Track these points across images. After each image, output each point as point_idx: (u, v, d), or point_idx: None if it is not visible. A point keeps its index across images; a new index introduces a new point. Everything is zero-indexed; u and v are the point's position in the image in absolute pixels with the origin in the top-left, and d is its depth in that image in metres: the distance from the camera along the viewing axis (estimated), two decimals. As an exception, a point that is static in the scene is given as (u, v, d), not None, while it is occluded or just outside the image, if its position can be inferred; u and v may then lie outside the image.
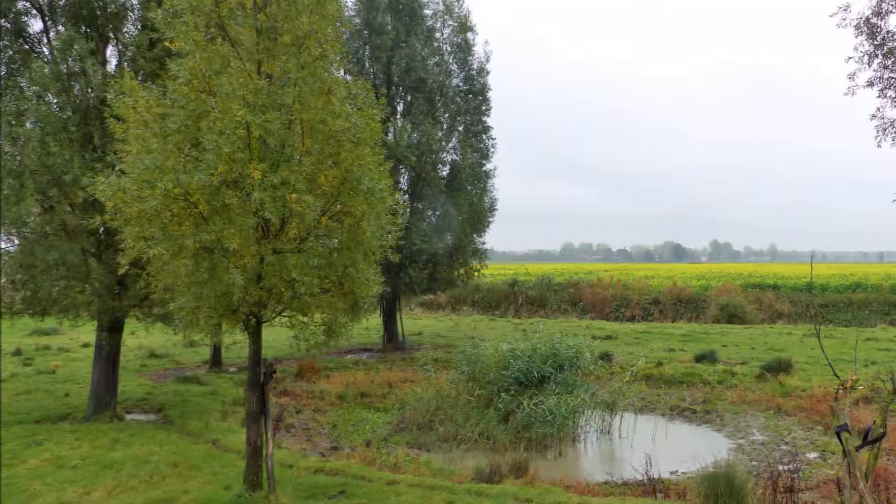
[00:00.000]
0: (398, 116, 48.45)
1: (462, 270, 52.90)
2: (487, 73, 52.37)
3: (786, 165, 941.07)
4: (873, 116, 25.92)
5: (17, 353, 42.48)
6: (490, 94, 52.49)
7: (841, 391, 16.76)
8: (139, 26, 25.30)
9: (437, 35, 51.15)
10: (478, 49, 52.03)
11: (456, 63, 51.77)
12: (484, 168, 52.21)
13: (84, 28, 24.76)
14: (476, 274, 54.77)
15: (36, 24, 25.35)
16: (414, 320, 70.21)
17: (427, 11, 50.60)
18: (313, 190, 16.31)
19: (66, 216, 23.89)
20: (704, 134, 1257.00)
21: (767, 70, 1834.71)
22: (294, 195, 15.47)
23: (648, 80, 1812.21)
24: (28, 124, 23.54)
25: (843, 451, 14.65)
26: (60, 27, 24.74)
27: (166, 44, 16.56)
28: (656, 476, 21.89)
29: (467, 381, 32.30)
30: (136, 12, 25.53)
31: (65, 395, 30.78)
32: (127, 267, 16.83)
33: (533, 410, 28.71)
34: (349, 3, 48.50)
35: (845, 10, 25.04)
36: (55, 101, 24.06)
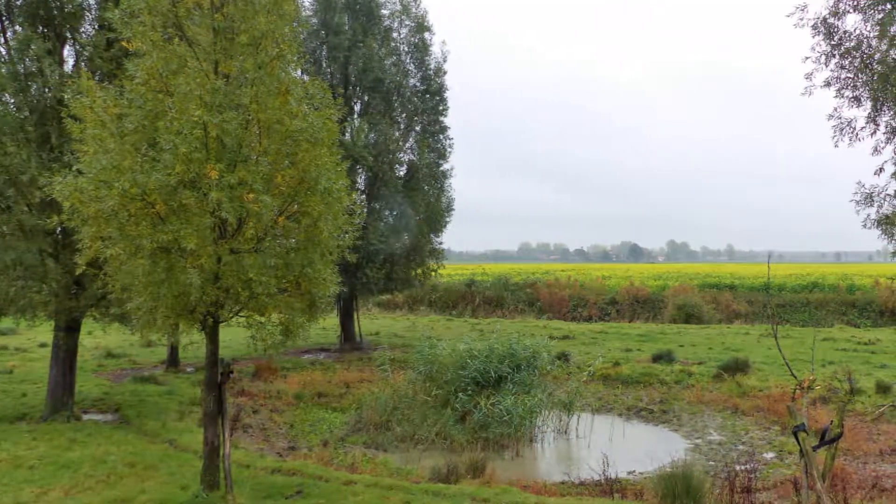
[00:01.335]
0: (355, 116, 48.31)
1: (419, 270, 52.94)
2: (445, 73, 52.42)
3: (744, 165, 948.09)
4: (830, 116, 26.08)
5: (-27, 353, 42.28)
6: (447, 94, 52.58)
7: (798, 391, 16.85)
8: (96, 26, 25.26)
9: (395, 35, 51.18)
10: (435, 49, 51.93)
11: (413, 63, 51.79)
12: (441, 168, 52.34)
13: (41, 28, 24.69)
14: (433, 274, 54.78)
15: (-8, 25, 25.28)
16: (371, 320, 70.18)
17: (384, 11, 50.60)
18: (270, 190, 16.37)
19: (23, 216, 23.79)
20: (662, 134, 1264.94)
21: (727, 70, 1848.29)
22: (251, 195, 15.51)
23: (608, 81, 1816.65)
24: (-16, 124, 23.46)
25: (801, 451, 14.74)
26: (17, 27, 24.67)
27: (123, 44, 16.61)
28: (613, 476, 21.88)
29: (424, 381, 32.30)
30: (93, 12, 25.48)
31: (22, 395, 30.61)
32: (84, 267, 16.82)
33: (490, 410, 28.81)
34: (306, 3, 48.47)
35: (802, 10, 25.20)
36: (12, 101, 23.98)
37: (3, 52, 24.88)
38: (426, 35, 51.84)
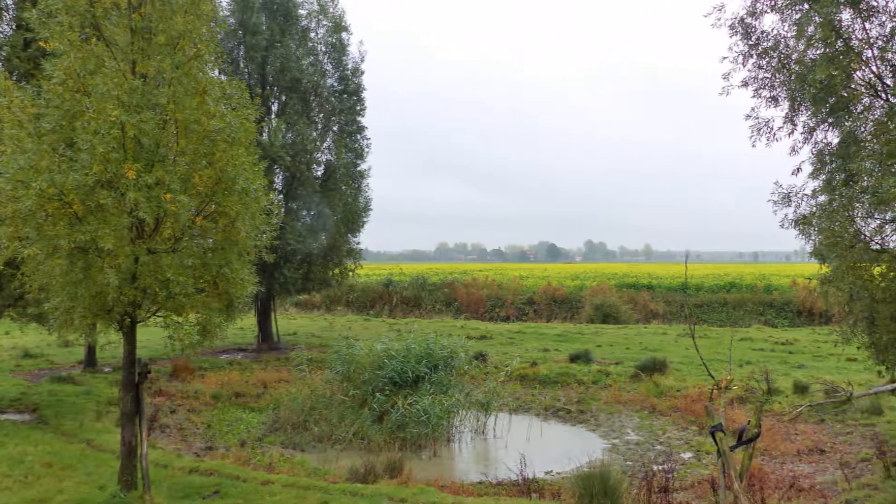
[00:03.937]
0: (273, 116, 48.33)
1: (337, 270, 53.12)
2: (362, 73, 52.69)
3: (662, 165, 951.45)
4: (748, 116, 26.13)
5: None
6: (365, 95, 52.89)
7: (715, 391, 17.10)
8: (14, 26, 25.12)
9: (312, 35, 51.18)
10: (352, 49, 52.04)
11: (331, 63, 51.89)
12: (359, 168, 52.56)
13: (-42, 28, 24.55)
14: (351, 274, 55.02)
15: None
16: (289, 320, 69.91)
17: (302, 11, 50.56)
18: (188, 190, 16.39)
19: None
20: (582, 134, 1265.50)
21: (649, 72, 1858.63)
22: (168, 195, 15.54)
23: (529, 81, 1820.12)
24: None
25: (718, 451, 15.01)
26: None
27: (41, 44, 16.55)
28: (531, 476, 22.16)
29: (342, 381, 32.32)
30: (10, 12, 25.33)
31: (-64, 396, 30.35)
32: (1, 267, 16.79)
33: (407, 410, 28.89)
34: (224, 3, 48.12)
35: (720, 10, 25.25)
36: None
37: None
38: (343, 35, 52.00)
